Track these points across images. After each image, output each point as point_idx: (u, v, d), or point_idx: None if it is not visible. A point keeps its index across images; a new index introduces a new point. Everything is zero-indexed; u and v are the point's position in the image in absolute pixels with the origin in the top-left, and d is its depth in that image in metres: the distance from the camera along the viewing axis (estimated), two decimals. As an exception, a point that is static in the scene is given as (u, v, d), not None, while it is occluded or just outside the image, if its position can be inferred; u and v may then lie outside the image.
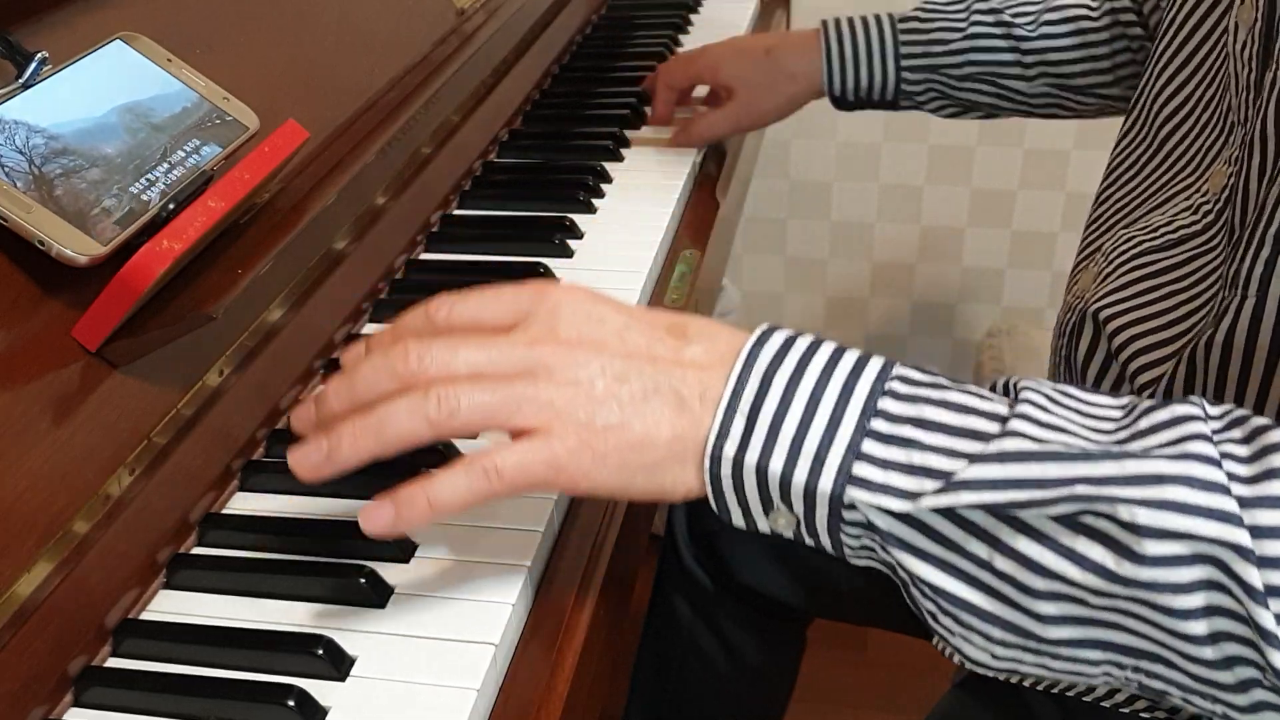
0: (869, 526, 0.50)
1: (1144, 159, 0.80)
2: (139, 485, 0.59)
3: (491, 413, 0.52)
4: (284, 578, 0.59)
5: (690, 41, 1.33)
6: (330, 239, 0.78)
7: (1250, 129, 0.65)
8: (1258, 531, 0.45)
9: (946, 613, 0.51)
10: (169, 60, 0.69)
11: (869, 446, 0.50)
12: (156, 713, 0.53)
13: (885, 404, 0.50)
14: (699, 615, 1.06)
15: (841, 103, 1.10)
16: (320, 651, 0.54)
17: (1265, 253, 0.60)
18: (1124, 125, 0.84)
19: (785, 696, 1.15)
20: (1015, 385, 0.52)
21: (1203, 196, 0.71)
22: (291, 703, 0.52)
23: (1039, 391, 0.51)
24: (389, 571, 0.59)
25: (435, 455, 0.64)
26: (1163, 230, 0.73)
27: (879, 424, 0.50)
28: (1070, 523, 0.47)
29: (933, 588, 0.50)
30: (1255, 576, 0.45)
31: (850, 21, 1.06)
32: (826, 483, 0.50)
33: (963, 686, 0.82)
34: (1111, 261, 0.75)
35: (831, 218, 1.87)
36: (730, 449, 0.51)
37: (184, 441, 0.62)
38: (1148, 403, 0.50)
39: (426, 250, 0.90)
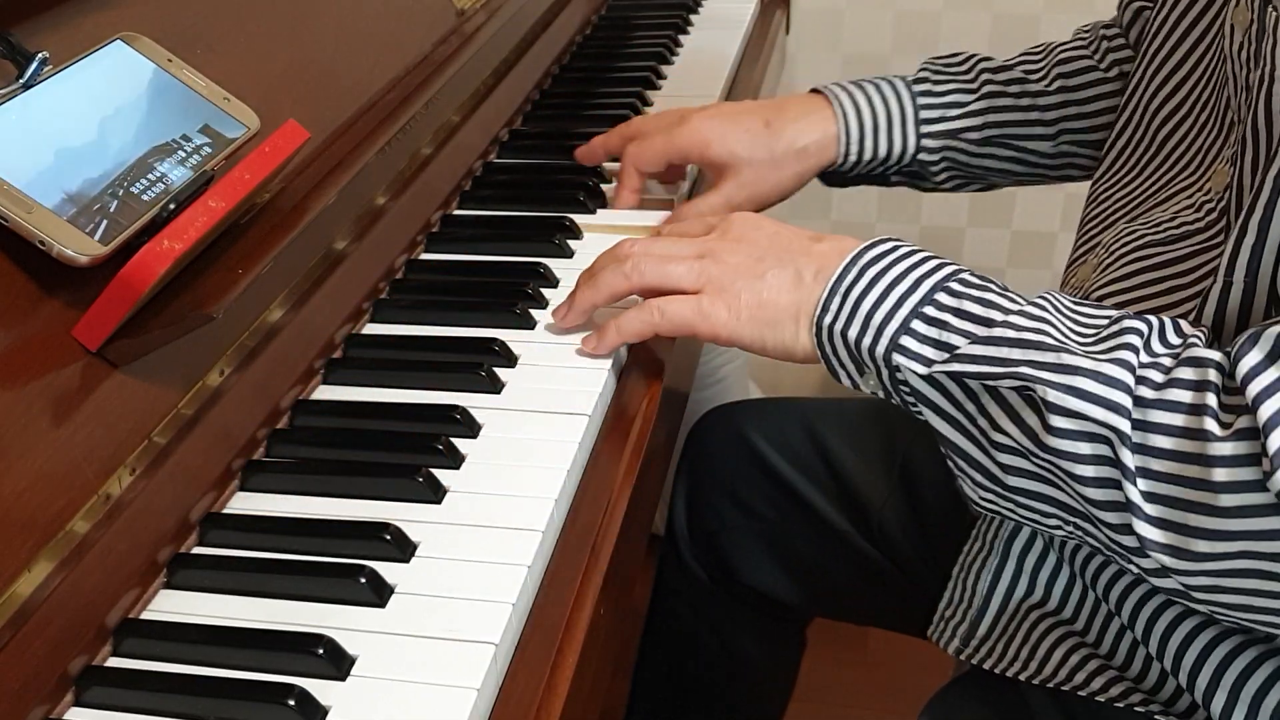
0: (910, 386, 0.65)
1: (1143, 159, 0.80)
2: (140, 485, 0.59)
3: (665, 275, 0.72)
4: (284, 577, 0.59)
5: (690, 42, 1.32)
6: (331, 239, 0.78)
7: (1243, 126, 0.66)
8: (1143, 425, 0.57)
9: (949, 457, 0.65)
10: (169, 60, 0.69)
11: (916, 325, 0.65)
12: (157, 712, 0.53)
13: (939, 296, 0.65)
14: (699, 615, 1.06)
15: (837, 177, 1.00)
16: (321, 651, 0.54)
17: (1249, 239, 0.62)
18: (1117, 125, 0.84)
19: (785, 696, 1.15)
20: (1041, 295, 0.65)
21: (1205, 195, 0.72)
22: (292, 702, 0.52)
23: (1050, 300, 0.64)
24: (389, 571, 0.59)
25: (441, 457, 0.64)
26: (1165, 225, 0.73)
27: (929, 309, 0.65)
28: (1021, 394, 0.60)
29: (940, 436, 0.65)
30: (1130, 458, 0.57)
31: (860, 86, 0.97)
32: (880, 348, 0.66)
33: (961, 682, 0.82)
34: (1113, 253, 0.76)
35: (831, 218, 1.87)
36: (828, 320, 0.68)
37: (185, 441, 0.62)
38: (1126, 322, 0.62)
39: (427, 250, 0.90)
